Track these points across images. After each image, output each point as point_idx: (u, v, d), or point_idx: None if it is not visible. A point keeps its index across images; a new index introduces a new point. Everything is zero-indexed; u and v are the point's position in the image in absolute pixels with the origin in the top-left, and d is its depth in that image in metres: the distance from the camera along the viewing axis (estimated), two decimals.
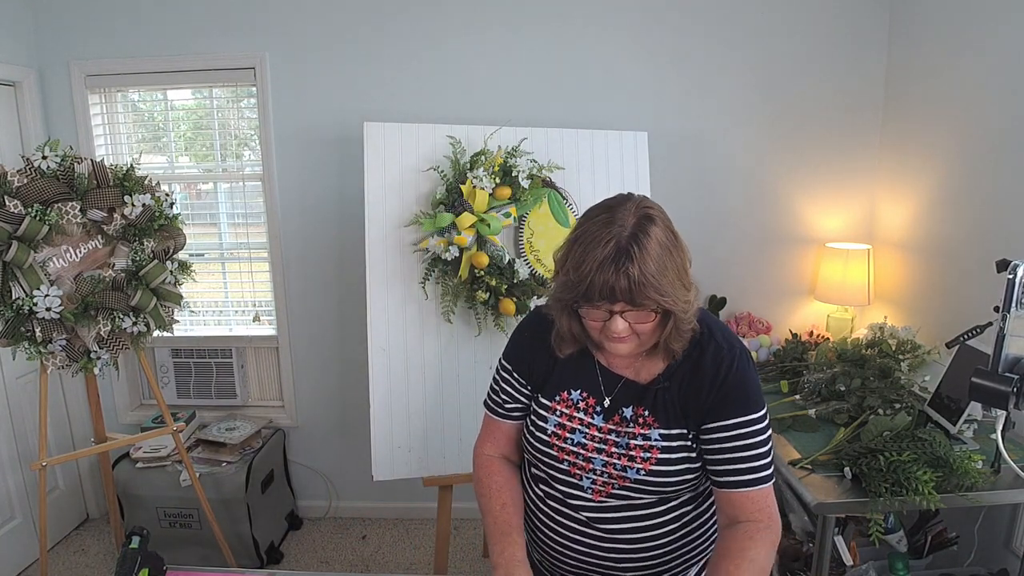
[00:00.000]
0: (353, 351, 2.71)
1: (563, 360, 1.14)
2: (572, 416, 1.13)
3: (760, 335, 2.53)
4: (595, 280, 0.96)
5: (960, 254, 2.12)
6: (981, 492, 1.55)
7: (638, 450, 1.07)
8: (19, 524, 2.51)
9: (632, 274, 0.94)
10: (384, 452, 2.03)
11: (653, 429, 1.08)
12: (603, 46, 2.51)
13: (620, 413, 1.10)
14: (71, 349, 1.97)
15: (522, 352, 1.20)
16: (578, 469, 1.11)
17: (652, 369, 1.10)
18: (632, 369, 1.12)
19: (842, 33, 2.48)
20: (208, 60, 2.57)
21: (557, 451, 1.13)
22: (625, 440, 1.08)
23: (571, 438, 1.12)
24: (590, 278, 0.96)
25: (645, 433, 1.08)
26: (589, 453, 1.10)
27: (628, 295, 0.96)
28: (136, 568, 1.17)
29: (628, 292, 0.95)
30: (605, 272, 0.95)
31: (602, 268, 0.95)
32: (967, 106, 2.08)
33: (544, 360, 1.16)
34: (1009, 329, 1.15)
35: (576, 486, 1.12)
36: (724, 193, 2.63)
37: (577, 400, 1.13)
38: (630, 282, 0.94)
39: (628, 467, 1.08)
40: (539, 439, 1.15)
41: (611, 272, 0.95)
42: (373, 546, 2.75)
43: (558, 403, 1.14)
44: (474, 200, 1.97)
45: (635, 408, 1.10)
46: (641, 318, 1.00)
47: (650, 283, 0.95)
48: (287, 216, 2.68)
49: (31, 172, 1.87)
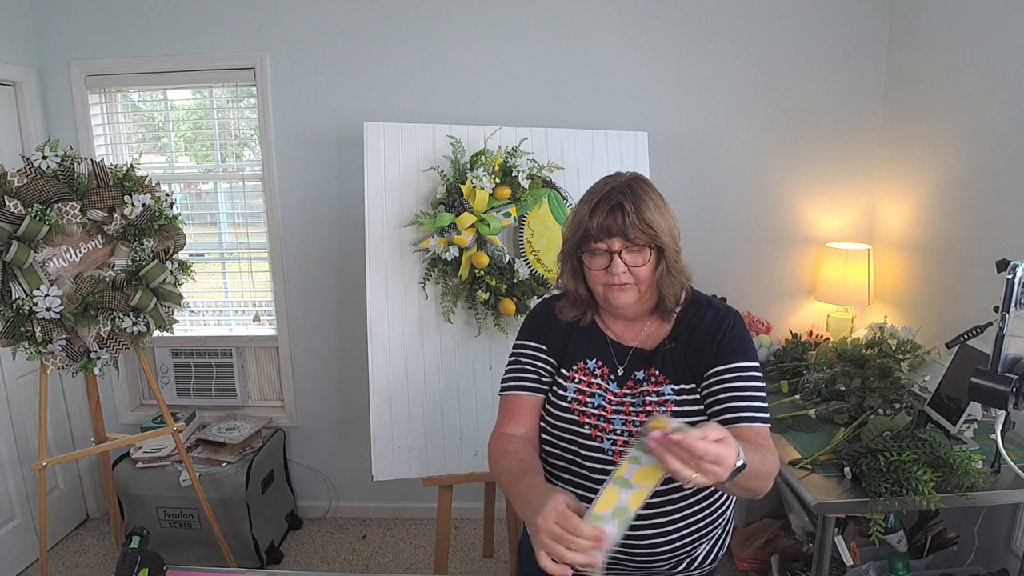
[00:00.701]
0: (353, 351, 2.71)
1: (576, 335, 1.24)
2: (591, 383, 1.20)
3: (760, 335, 2.52)
4: (592, 216, 1.10)
5: (960, 254, 2.12)
6: (981, 492, 1.54)
7: (654, 405, 1.15)
8: (19, 524, 2.51)
9: (626, 208, 1.09)
10: (384, 452, 2.03)
11: (665, 385, 1.16)
12: (603, 46, 2.51)
13: (633, 377, 1.19)
14: (71, 349, 1.97)
15: (539, 329, 1.28)
16: (599, 431, 1.17)
17: (657, 336, 1.21)
18: (638, 339, 1.22)
19: (842, 33, 2.48)
20: (208, 60, 2.57)
21: (578, 415, 1.19)
22: (641, 399, 1.17)
23: (591, 402, 1.19)
24: (589, 218, 1.10)
25: (659, 390, 1.16)
26: (609, 415, 1.17)
27: (623, 230, 1.09)
28: (136, 568, 1.17)
29: (622, 227, 1.09)
30: (602, 210, 1.10)
31: (599, 207, 1.10)
32: (967, 106, 2.08)
33: (559, 336, 1.25)
34: (1009, 329, 1.15)
35: (598, 449, 1.16)
36: (724, 193, 2.63)
37: (593, 368, 1.21)
38: (624, 216, 1.09)
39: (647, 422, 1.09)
40: (560, 407, 1.21)
41: (607, 209, 1.09)
42: (373, 546, 2.75)
43: (576, 372, 1.22)
44: (474, 200, 1.97)
45: (647, 370, 1.19)
46: (637, 259, 1.12)
47: (643, 217, 1.09)
48: (287, 216, 2.68)
49: (31, 172, 1.87)
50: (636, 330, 1.23)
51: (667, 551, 1.17)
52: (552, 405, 1.22)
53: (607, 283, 1.13)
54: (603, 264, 1.13)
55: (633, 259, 1.12)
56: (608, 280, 1.13)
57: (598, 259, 1.13)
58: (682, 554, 1.19)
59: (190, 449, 2.58)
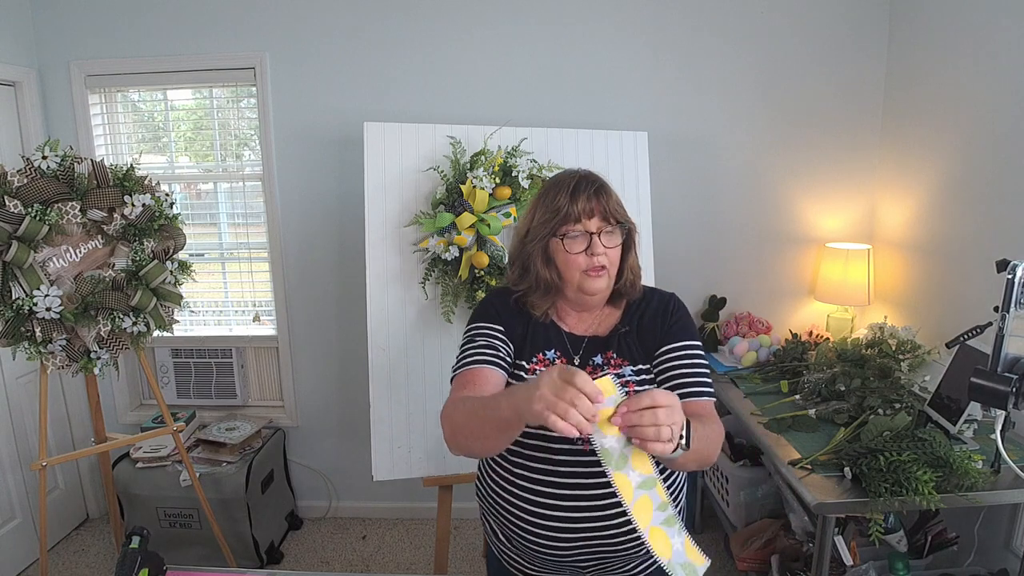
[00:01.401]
0: (353, 351, 2.71)
1: (533, 328, 1.24)
2: None
3: (760, 335, 2.53)
4: (574, 201, 1.15)
5: (960, 254, 2.12)
6: (981, 492, 1.55)
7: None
8: (19, 524, 2.51)
9: (603, 191, 1.17)
10: (384, 452, 2.03)
11: (624, 367, 1.20)
12: (603, 46, 2.51)
13: (591, 363, 1.22)
14: (71, 349, 1.97)
15: (496, 313, 1.26)
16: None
17: (607, 323, 1.25)
18: (589, 329, 1.25)
19: (842, 33, 2.48)
20: (208, 60, 2.57)
21: None
22: None
23: None
24: (568, 202, 1.15)
25: (618, 372, 1.19)
26: None
27: (603, 211, 1.16)
28: (136, 568, 1.17)
29: (604, 207, 1.16)
30: (580, 194, 1.15)
31: (576, 190, 1.16)
32: (967, 106, 2.08)
33: (516, 326, 1.25)
34: (1008, 329, 1.15)
35: (565, 440, 1.14)
36: (724, 193, 2.63)
37: (553, 359, 1.22)
38: (606, 198, 1.16)
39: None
40: None
41: (584, 193, 1.16)
42: (373, 546, 2.75)
43: (536, 364, 1.21)
44: (474, 200, 1.97)
45: (604, 355, 1.22)
46: (614, 240, 1.18)
47: (616, 200, 1.18)
48: (287, 216, 2.68)
49: (31, 172, 1.87)
50: (587, 321, 1.26)
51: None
52: None
53: (586, 268, 1.16)
54: (581, 247, 1.16)
55: (609, 240, 1.17)
56: (588, 264, 1.16)
57: (577, 242, 1.16)
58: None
59: (190, 449, 2.58)
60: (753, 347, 2.48)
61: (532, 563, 1.25)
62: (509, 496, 1.20)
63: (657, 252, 2.26)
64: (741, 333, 2.58)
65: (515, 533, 1.21)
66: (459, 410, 1.08)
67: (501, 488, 1.22)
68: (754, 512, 2.34)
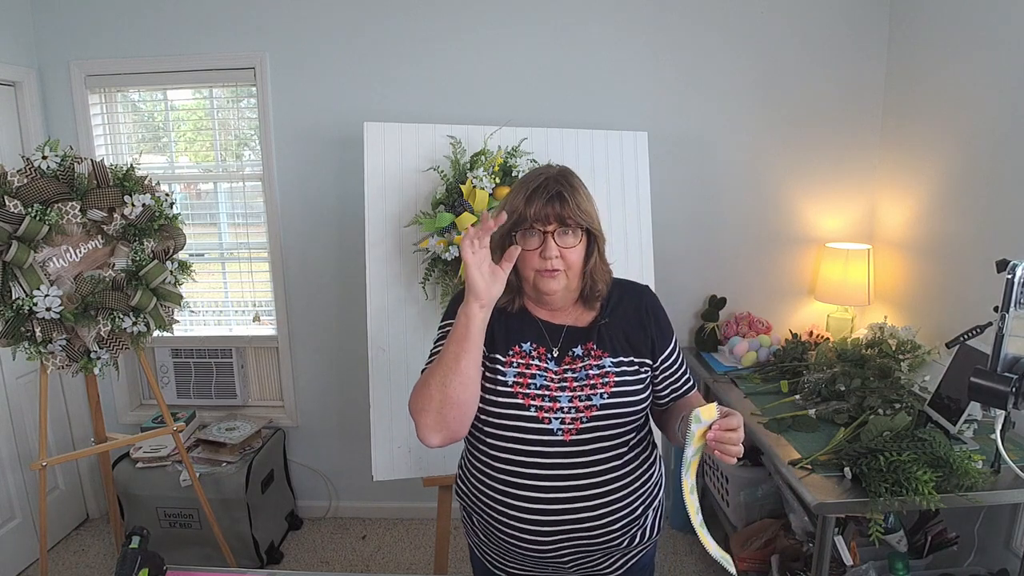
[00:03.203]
0: (353, 351, 2.71)
1: (507, 320, 1.22)
2: (529, 364, 1.19)
3: (760, 335, 2.53)
4: (530, 203, 1.13)
5: (960, 254, 2.12)
6: (981, 492, 1.55)
7: (596, 378, 1.17)
8: (19, 524, 2.51)
9: (564, 197, 1.13)
10: (384, 452, 2.03)
11: (604, 359, 1.19)
12: (603, 46, 2.51)
13: (571, 354, 1.20)
14: (71, 349, 1.97)
15: None
16: (545, 412, 1.16)
17: (587, 316, 1.25)
18: (571, 318, 1.24)
19: (842, 33, 2.48)
20: (208, 60, 2.57)
21: (522, 398, 1.16)
22: (583, 372, 1.18)
23: (533, 383, 1.18)
24: (525, 204, 1.13)
25: (598, 363, 1.18)
26: (554, 393, 1.17)
27: (559, 215, 1.13)
28: (136, 568, 1.17)
29: (559, 211, 1.12)
30: (538, 197, 1.13)
31: (536, 193, 1.13)
32: (967, 106, 2.08)
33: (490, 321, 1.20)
34: (1008, 329, 1.15)
35: (546, 431, 1.15)
36: (724, 193, 2.63)
37: (529, 350, 1.21)
38: (562, 204, 1.13)
39: (592, 394, 1.16)
40: (502, 392, 1.17)
41: (543, 196, 1.13)
42: (373, 546, 2.75)
43: (512, 356, 1.20)
44: (474, 200, 1.97)
45: (584, 345, 1.21)
46: (570, 240, 1.15)
47: (576, 203, 1.14)
48: (287, 216, 2.68)
49: (31, 172, 1.87)
50: (562, 317, 1.24)
51: (623, 525, 1.19)
52: (493, 393, 1.17)
53: (539, 268, 1.15)
54: (536, 244, 1.15)
55: (565, 241, 1.15)
56: (540, 265, 1.15)
57: (532, 239, 1.15)
58: (635, 525, 1.22)
59: (190, 449, 2.58)
60: (753, 347, 2.48)
61: (516, 562, 1.25)
62: (488, 491, 1.21)
63: (657, 252, 2.26)
64: (741, 333, 2.58)
65: (496, 529, 1.21)
66: (415, 389, 1.13)
67: (480, 483, 1.23)
68: (754, 512, 2.34)
